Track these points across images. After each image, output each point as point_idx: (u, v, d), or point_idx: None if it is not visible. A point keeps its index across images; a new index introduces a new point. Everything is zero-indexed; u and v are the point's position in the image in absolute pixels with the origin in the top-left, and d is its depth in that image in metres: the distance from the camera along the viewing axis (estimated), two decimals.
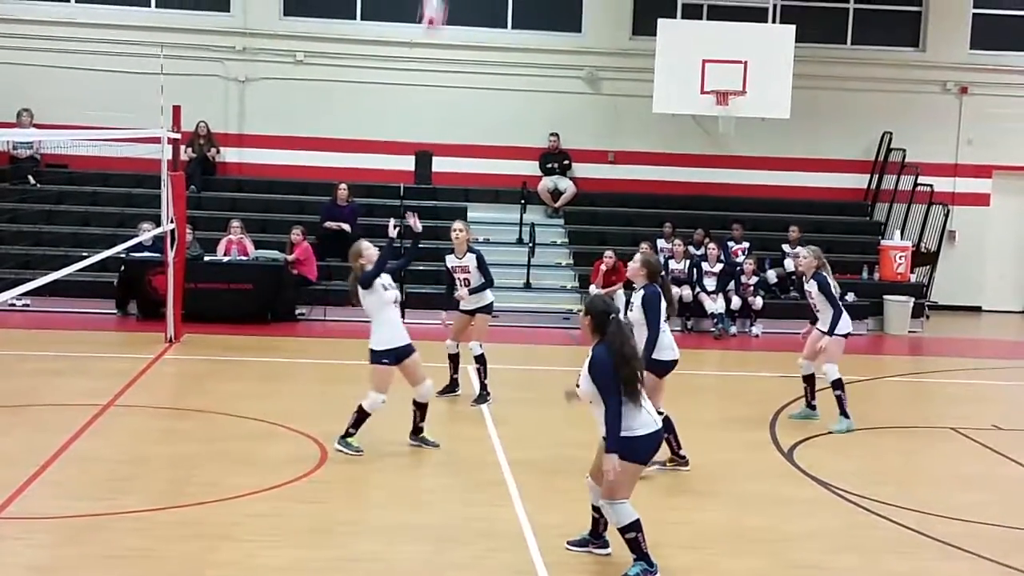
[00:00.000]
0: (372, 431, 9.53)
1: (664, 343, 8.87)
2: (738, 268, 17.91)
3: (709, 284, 17.66)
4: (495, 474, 9.08)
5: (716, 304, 17.43)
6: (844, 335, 11.06)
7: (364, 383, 9.62)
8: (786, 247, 18.80)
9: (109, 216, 18.39)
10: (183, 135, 15.87)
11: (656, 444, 7.00)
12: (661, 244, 18.54)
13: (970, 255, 21.10)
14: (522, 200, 19.65)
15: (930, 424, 11.88)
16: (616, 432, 6.68)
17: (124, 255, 15.70)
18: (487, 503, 8.32)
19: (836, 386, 11.04)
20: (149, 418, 10.65)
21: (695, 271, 17.80)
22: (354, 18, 20.33)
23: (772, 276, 18.39)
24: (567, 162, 20.28)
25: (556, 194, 20.09)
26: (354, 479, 8.90)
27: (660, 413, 8.18)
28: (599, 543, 7.30)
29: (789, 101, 18.03)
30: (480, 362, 11.59)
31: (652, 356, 8.69)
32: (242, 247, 17.15)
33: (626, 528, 6.79)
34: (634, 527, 6.78)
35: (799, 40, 18.30)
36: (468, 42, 20.21)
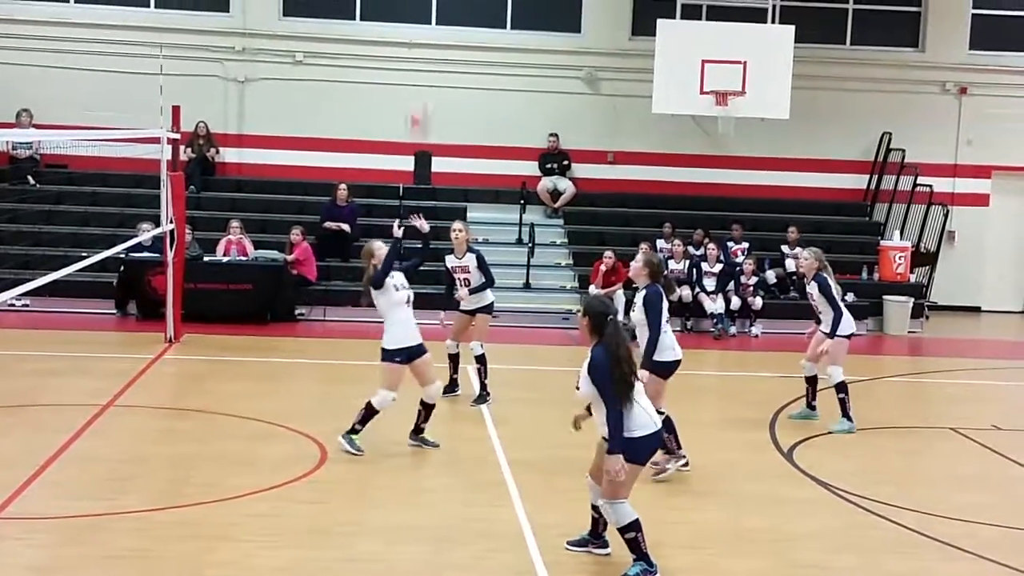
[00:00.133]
0: (372, 431, 9.53)
1: (665, 343, 8.86)
2: (738, 268, 17.91)
3: (709, 284, 17.66)
4: (495, 474, 9.09)
5: (716, 304, 17.43)
6: (847, 336, 11.04)
7: (364, 383, 9.64)
8: (785, 248, 18.81)
9: (109, 216, 18.38)
10: (182, 135, 15.87)
11: (655, 445, 7.00)
12: (661, 244, 18.54)
13: (969, 255, 21.10)
14: (521, 200, 19.65)
15: (929, 424, 11.88)
16: (619, 433, 6.67)
17: (124, 255, 15.69)
18: (487, 503, 8.32)
19: (840, 389, 11.03)
20: (148, 418, 10.65)
21: (695, 271, 17.80)
22: (353, 18, 20.34)
23: (771, 276, 18.40)
24: (566, 162, 20.28)
25: (555, 194, 20.09)
26: (353, 479, 8.89)
27: (660, 413, 8.18)
28: (599, 543, 7.30)
29: (788, 101, 18.01)
30: (481, 362, 11.60)
31: (654, 358, 8.69)
32: (241, 247, 17.15)
33: (626, 528, 6.79)
34: (634, 527, 6.78)
35: (798, 40, 18.29)
36: (467, 42, 20.21)
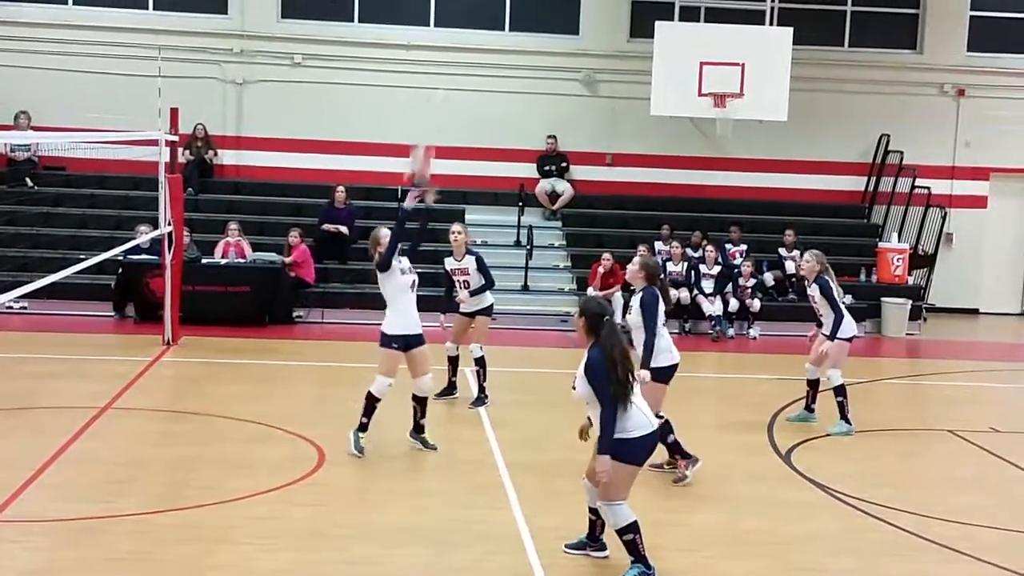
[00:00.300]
0: (370, 434, 9.54)
1: (662, 346, 8.85)
2: (736, 270, 17.92)
3: (707, 286, 17.66)
4: (493, 477, 9.09)
5: (714, 306, 17.44)
6: (848, 339, 11.05)
7: (362, 386, 9.63)
8: (782, 251, 18.81)
9: (107, 218, 18.37)
10: (181, 137, 15.88)
11: (652, 445, 7.00)
12: (659, 246, 18.55)
13: (967, 257, 21.11)
14: (520, 202, 19.64)
15: (928, 426, 11.88)
16: (610, 434, 6.68)
17: (122, 257, 15.68)
18: (485, 506, 8.32)
19: (838, 392, 11.04)
20: (147, 421, 10.65)
21: (693, 273, 17.81)
22: (352, 20, 20.33)
23: (770, 278, 18.40)
24: (565, 164, 20.28)
25: (554, 196, 20.09)
26: (352, 482, 8.90)
27: (659, 417, 8.19)
28: (596, 546, 7.31)
29: (787, 103, 18.02)
30: (480, 364, 11.60)
31: (651, 364, 8.68)
32: (240, 249, 17.15)
33: (624, 530, 6.79)
34: (632, 529, 6.79)
35: (796, 42, 18.29)
36: (466, 44, 20.21)
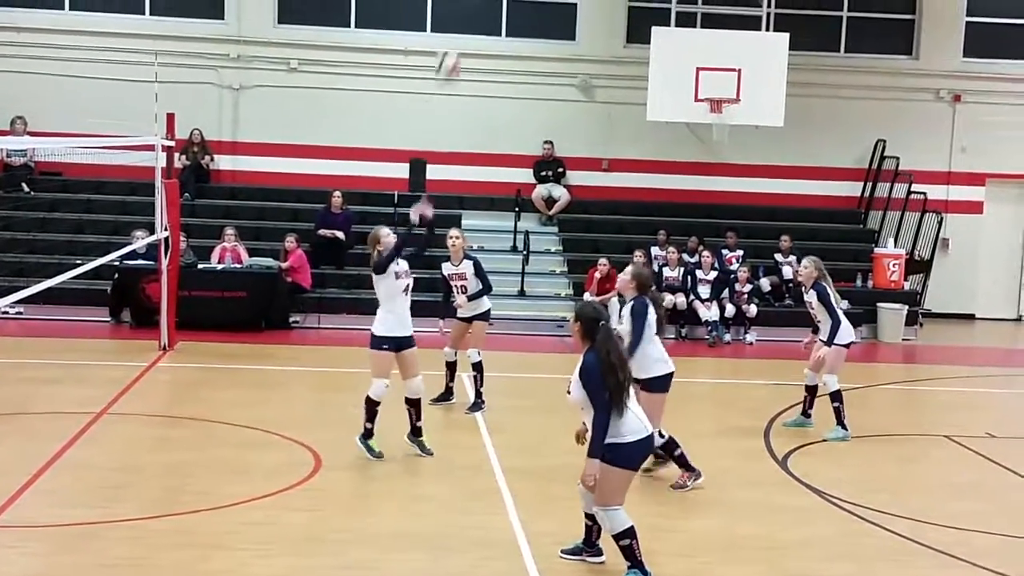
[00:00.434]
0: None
1: (655, 356, 8.74)
2: (732, 276, 17.92)
3: (703, 292, 17.66)
4: (489, 482, 9.08)
5: (710, 312, 17.43)
6: (845, 345, 11.05)
7: (359, 391, 9.64)
8: (778, 256, 18.82)
9: (103, 224, 18.36)
10: (177, 143, 15.88)
11: (647, 450, 7.00)
12: (655, 252, 18.55)
13: (963, 263, 21.12)
14: (516, 208, 19.64)
15: (924, 432, 11.88)
16: (601, 438, 6.68)
17: (118, 263, 15.66)
18: (482, 511, 8.32)
19: (835, 398, 11.04)
20: (143, 426, 10.64)
21: (689, 279, 17.81)
22: (348, 26, 20.35)
23: (766, 284, 18.40)
24: (561, 170, 20.28)
25: (550, 202, 20.10)
26: (348, 487, 8.89)
27: (661, 436, 8.19)
28: (592, 551, 7.30)
29: (783, 109, 18.00)
30: (477, 369, 11.59)
31: (646, 375, 8.61)
32: (236, 255, 17.14)
33: (620, 535, 6.79)
34: (628, 534, 6.78)
35: (793, 48, 18.29)
36: (462, 50, 20.22)
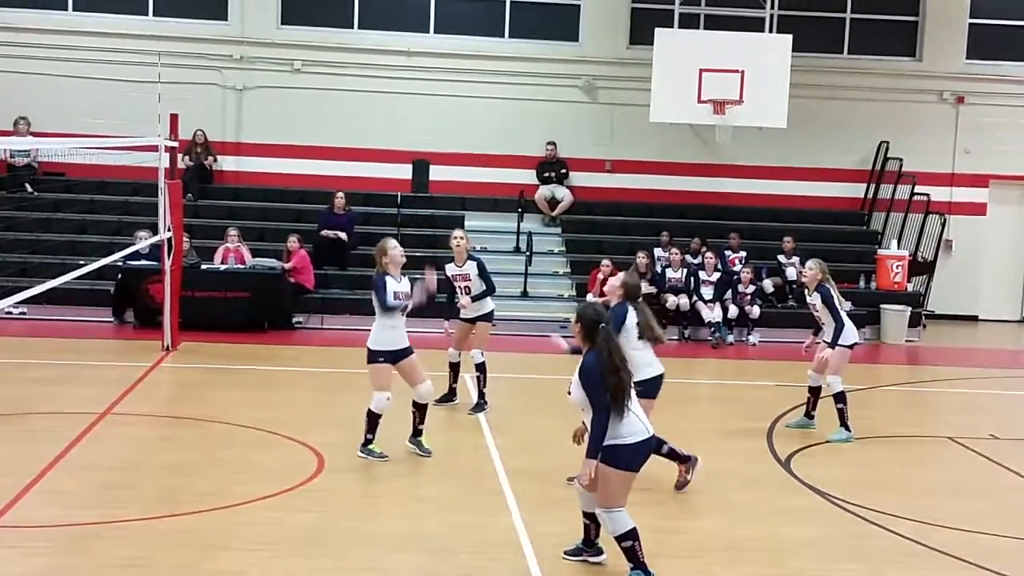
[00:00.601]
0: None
1: (642, 361, 8.58)
2: (735, 277, 17.91)
3: (706, 293, 17.65)
4: (492, 483, 9.08)
5: (713, 313, 17.42)
6: (848, 346, 11.05)
7: (361, 392, 9.64)
8: (781, 257, 18.80)
9: (106, 224, 18.38)
10: (180, 143, 15.87)
11: (648, 451, 6.98)
12: (658, 253, 18.54)
13: (967, 264, 21.11)
14: (519, 209, 19.65)
15: (927, 433, 11.88)
16: (599, 439, 6.68)
17: (121, 263, 15.67)
18: (484, 512, 8.32)
19: (838, 399, 11.04)
20: (146, 426, 10.64)
21: (692, 280, 17.80)
22: (352, 27, 20.36)
23: (769, 285, 18.39)
24: (564, 171, 20.27)
25: (553, 203, 20.09)
26: (351, 488, 8.89)
27: None
28: (592, 551, 7.29)
29: (786, 110, 18.01)
30: (481, 370, 11.58)
31: (637, 378, 8.55)
32: (239, 255, 17.15)
33: (622, 537, 6.78)
34: (630, 536, 6.78)
35: (796, 49, 18.28)
36: (466, 51, 20.24)
